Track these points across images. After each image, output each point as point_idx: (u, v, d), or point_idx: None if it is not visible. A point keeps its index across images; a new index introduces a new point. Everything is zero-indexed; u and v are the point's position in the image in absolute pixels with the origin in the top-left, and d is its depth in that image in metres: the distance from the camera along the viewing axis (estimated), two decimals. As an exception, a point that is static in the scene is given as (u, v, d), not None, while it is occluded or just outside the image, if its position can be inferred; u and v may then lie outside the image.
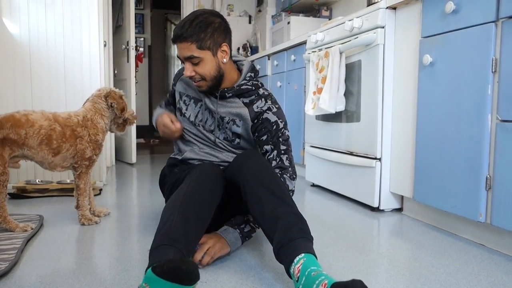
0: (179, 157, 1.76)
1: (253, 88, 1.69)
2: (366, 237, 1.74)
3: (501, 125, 1.48)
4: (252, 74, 1.72)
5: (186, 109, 1.76)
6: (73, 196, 2.54)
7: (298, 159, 3.19)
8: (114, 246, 1.62)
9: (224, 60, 1.61)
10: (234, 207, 1.56)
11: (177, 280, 0.92)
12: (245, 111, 1.66)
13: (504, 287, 1.25)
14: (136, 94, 4.19)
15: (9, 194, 2.52)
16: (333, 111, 2.35)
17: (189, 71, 1.58)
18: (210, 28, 1.55)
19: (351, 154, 2.38)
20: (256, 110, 1.66)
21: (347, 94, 2.36)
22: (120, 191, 2.78)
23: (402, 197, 2.18)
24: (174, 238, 1.16)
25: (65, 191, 2.64)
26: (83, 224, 1.89)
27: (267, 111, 1.65)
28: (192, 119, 1.75)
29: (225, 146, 1.71)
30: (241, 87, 1.67)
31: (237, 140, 1.70)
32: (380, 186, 2.15)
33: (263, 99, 1.68)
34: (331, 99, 2.35)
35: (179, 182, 1.57)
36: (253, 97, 1.68)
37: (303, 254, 1.14)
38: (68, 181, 2.75)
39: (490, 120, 1.53)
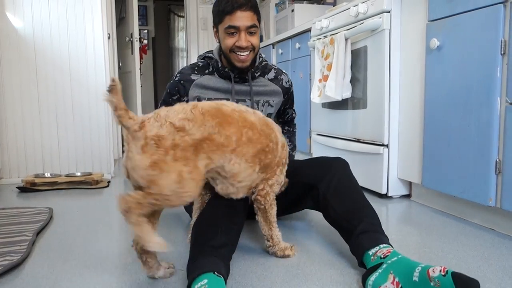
0: None
1: (267, 62, 1.78)
2: (375, 224, 1.73)
3: (511, 108, 1.46)
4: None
5: None
6: (82, 188, 2.57)
7: (304, 147, 3.18)
8: (124, 237, 1.63)
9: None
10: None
11: None
12: (277, 88, 1.75)
13: (515, 270, 1.24)
14: (141, 86, 4.18)
15: (18, 187, 2.55)
16: (340, 98, 2.34)
17: (245, 41, 1.57)
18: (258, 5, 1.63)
19: (358, 141, 2.36)
20: (286, 86, 1.79)
21: (353, 80, 2.34)
22: (128, 183, 2.79)
23: (410, 183, 2.17)
24: (213, 246, 1.15)
25: (73, 184, 2.66)
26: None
27: (291, 86, 1.83)
28: None
29: None
30: (262, 64, 1.73)
31: None
32: (388, 172, 2.14)
33: (283, 74, 1.80)
34: (337, 86, 2.33)
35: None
36: (272, 71, 1.77)
37: (391, 246, 1.18)
38: (78, 174, 2.77)
39: (499, 104, 1.51)
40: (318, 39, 2.67)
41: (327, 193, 1.39)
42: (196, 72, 1.68)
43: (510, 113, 1.46)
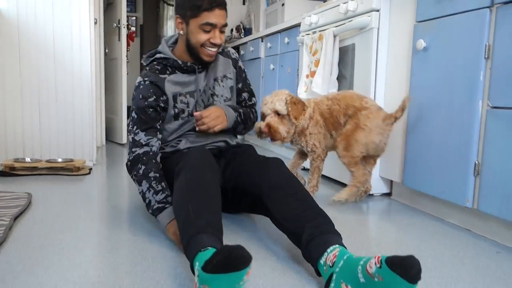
0: (169, 149, 1.71)
1: None
2: (355, 221, 1.76)
3: (492, 112, 1.49)
4: None
5: (188, 106, 1.69)
6: (62, 175, 2.53)
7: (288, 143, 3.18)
8: (103, 225, 1.61)
9: None
10: (234, 206, 1.68)
11: (232, 269, 0.88)
12: (226, 59, 1.80)
13: (488, 270, 1.27)
14: (127, 74, 4.13)
15: (-3, 171, 2.50)
16: (326, 95, 2.34)
17: (219, 38, 1.63)
18: None
19: (342, 138, 2.38)
20: (233, 56, 1.84)
21: (340, 77, 2.35)
22: (110, 170, 2.77)
23: (391, 182, 2.20)
24: (200, 225, 1.13)
25: (54, 170, 2.62)
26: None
27: (239, 60, 1.87)
28: (195, 110, 1.70)
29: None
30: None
31: (232, 95, 1.81)
32: (370, 170, 2.16)
33: (229, 48, 1.87)
34: (324, 83, 2.34)
35: (170, 173, 1.52)
36: (220, 49, 1.82)
37: (337, 245, 1.11)
38: (59, 160, 2.73)
39: (481, 107, 1.54)
40: (307, 34, 2.67)
41: (267, 202, 1.34)
42: (161, 73, 1.69)
43: (491, 117, 1.49)
